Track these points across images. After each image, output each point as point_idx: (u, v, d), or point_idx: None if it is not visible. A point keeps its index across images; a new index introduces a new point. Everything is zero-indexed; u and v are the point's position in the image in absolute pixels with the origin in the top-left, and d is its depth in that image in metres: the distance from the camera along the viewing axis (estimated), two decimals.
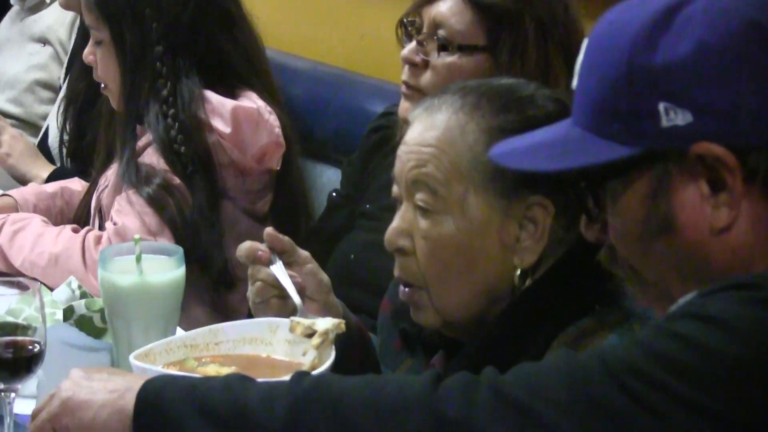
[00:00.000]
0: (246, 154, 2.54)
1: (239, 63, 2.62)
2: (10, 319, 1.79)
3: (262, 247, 1.85)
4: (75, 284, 2.16)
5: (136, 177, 2.49)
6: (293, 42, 3.52)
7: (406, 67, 2.33)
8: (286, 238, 1.88)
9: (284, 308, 1.87)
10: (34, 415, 1.50)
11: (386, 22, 2.51)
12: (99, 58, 2.59)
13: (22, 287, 1.81)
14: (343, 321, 1.73)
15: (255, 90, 2.59)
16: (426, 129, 1.68)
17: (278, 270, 1.88)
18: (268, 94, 2.63)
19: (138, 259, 1.94)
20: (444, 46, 2.28)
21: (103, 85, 2.66)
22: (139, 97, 2.54)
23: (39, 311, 1.73)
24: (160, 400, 1.40)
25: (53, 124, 3.17)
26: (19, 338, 1.73)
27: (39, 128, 3.31)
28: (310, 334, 1.77)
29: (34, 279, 2.13)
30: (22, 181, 3.00)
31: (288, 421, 1.33)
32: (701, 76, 1.29)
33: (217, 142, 2.51)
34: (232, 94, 2.56)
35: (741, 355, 1.21)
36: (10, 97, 3.40)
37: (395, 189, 1.72)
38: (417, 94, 2.30)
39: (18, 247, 2.49)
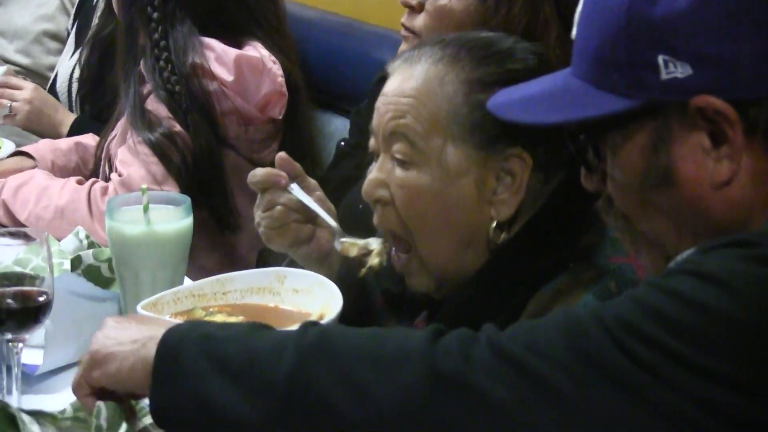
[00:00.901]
0: (249, 102, 2.57)
1: (237, 13, 2.63)
2: (17, 269, 1.79)
3: (280, 172, 1.88)
4: (83, 234, 2.19)
5: (141, 122, 2.52)
6: None
7: (407, 10, 2.32)
8: (297, 164, 1.91)
9: (300, 233, 1.91)
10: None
11: None
12: None
13: (29, 238, 1.83)
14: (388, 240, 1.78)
15: (260, 40, 2.61)
16: (405, 80, 1.69)
17: (300, 194, 1.91)
18: (276, 44, 2.65)
19: (145, 209, 1.96)
20: None
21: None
22: (135, 39, 2.58)
23: (46, 261, 1.74)
24: (177, 352, 1.42)
25: (62, 70, 3.19)
26: (27, 288, 1.74)
27: (47, 78, 3.33)
28: (365, 254, 1.82)
29: None
30: (47, 132, 3.04)
31: (292, 372, 1.34)
32: (700, 28, 1.28)
33: (219, 90, 2.53)
34: (237, 43, 2.57)
35: (737, 313, 1.21)
36: (19, 47, 3.47)
37: (372, 142, 1.74)
38: (413, 36, 2.31)
39: (22, 201, 2.52)
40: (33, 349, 1.85)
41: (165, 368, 1.41)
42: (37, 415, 1.60)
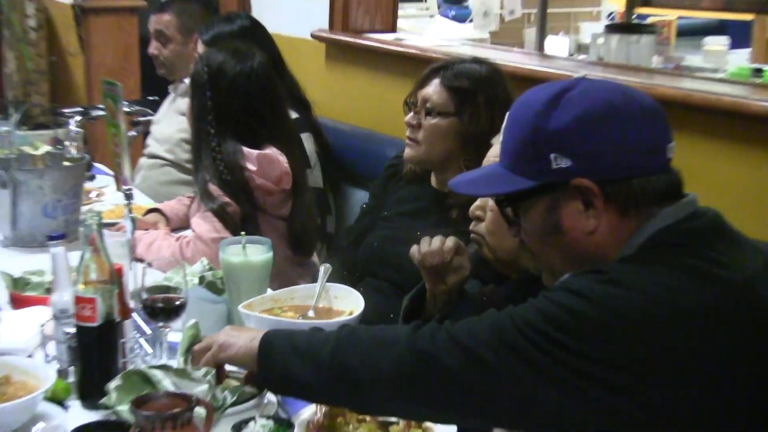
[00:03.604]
0: (269, 180, 2.79)
1: (261, 128, 2.85)
2: (166, 282, 2.01)
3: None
4: (205, 262, 2.35)
5: (206, 198, 2.74)
6: (336, 112, 3.81)
7: (409, 128, 2.57)
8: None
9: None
10: (196, 351, 1.70)
11: (397, 98, 2.75)
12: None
13: (174, 263, 2.07)
14: None
15: (271, 143, 2.82)
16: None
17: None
18: (282, 144, 2.86)
19: (243, 246, 2.19)
20: (429, 113, 2.52)
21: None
22: (200, 144, 2.80)
23: (183, 278, 1.96)
24: (272, 343, 1.58)
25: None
26: (171, 295, 1.94)
27: (184, 167, 3.63)
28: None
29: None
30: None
31: (333, 353, 1.49)
32: (576, 136, 1.40)
33: (249, 176, 2.77)
34: (258, 147, 2.82)
35: (594, 314, 1.32)
36: (166, 148, 3.83)
37: None
38: (415, 144, 2.57)
39: (155, 252, 2.76)
40: (174, 332, 1.97)
41: (264, 353, 1.58)
42: (169, 369, 1.73)
